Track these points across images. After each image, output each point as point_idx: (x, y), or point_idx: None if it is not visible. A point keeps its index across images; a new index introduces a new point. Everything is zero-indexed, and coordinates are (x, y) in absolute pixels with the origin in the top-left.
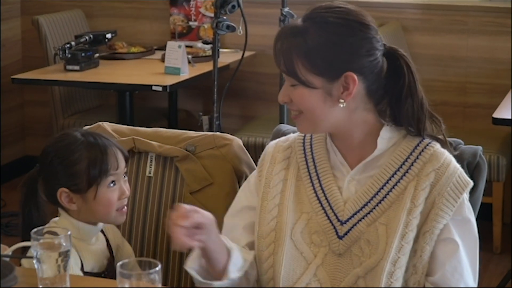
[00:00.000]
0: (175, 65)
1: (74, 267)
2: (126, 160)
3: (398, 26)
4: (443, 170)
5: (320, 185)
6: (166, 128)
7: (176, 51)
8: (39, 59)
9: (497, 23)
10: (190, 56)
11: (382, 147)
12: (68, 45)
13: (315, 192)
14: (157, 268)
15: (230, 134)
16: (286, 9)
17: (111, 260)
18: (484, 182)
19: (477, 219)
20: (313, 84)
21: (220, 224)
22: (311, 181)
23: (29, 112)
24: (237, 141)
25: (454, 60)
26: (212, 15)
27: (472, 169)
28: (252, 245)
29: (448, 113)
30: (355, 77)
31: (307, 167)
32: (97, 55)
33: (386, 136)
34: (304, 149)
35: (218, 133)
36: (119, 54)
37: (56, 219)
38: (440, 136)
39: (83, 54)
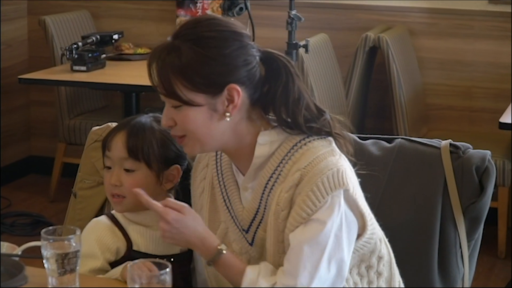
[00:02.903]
0: None
1: (105, 252)
2: (132, 154)
3: (405, 30)
4: (309, 169)
5: (227, 194)
6: None
7: None
8: (46, 59)
9: (503, 27)
10: None
11: (261, 153)
12: (75, 46)
13: (225, 201)
14: (167, 270)
15: None
16: (293, 12)
17: (187, 254)
18: (493, 186)
19: (483, 224)
20: (196, 102)
21: None
22: (221, 190)
23: (34, 112)
24: None
25: (460, 64)
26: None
27: (480, 174)
28: None
29: (454, 117)
30: (238, 88)
31: (218, 175)
32: (103, 56)
33: (265, 141)
34: (216, 157)
35: None
36: (125, 55)
37: None
38: (327, 129)
39: (90, 55)
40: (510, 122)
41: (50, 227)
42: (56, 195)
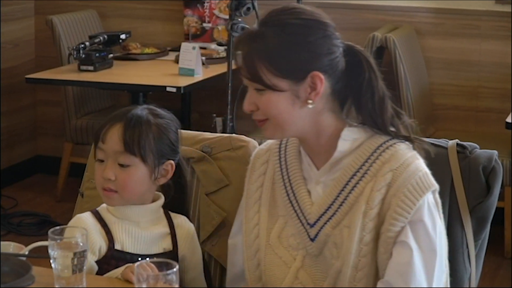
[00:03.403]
0: (189, 66)
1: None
2: (128, 149)
3: (411, 30)
4: (401, 171)
5: (291, 188)
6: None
7: (190, 53)
8: (53, 59)
9: (509, 27)
10: (204, 58)
11: (343, 148)
12: (82, 45)
13: (288, 195)
14: (174, 269)
15: (244, 136)
16: None
17: (172, 254)
18: (500, 186)
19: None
20: (280, 87)
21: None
22: (284, 184)
23: (41, 111)
24: (253, 143)
25: (467, 64)
26: (226, 17)
27: (487, 174)
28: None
29: (460, 117)
30: (322, 76)
31: (281, 170)
32: (111, 55)
33: (349, 137)
34: (280, 152)
35: (234, 135)
36: (133, 54)
37: None
38: (405, 133)
39: (97, 55)
40: None
41: (57, 227)
42: (63, 194)
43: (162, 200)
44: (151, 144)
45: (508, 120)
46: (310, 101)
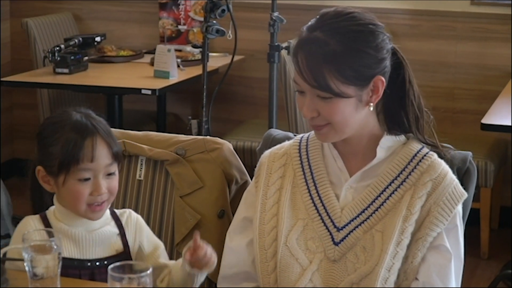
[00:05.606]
0: (164, 68)
1: None
2: (115, 157)
3: (388, 31)
4: (440, 180)
5: (317, 192)
6: (154, 131)
7: (165, 55)
8: (28, 62)
9: (485, 29)
10: (179, 60)
11: (381, 156)
12: (57, 48)
13: (312, 198)
14: (148, 272)
15: (219, 138)
16: (275, 14)
17: (124, 255)
18: (474, 187)
19: (465, 225)
20: (347, 94)
21: (209, 227)
22: (308, 188)
23: (17, 114)
24: (227, 145)
25: (443, 66)
26: (201, 19)
27: (462, 175)
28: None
29: (437, 119)
30: (383, 79)
31: (304, 173)
32: (86, 58)
33: (386, 145)
34: (300, 156)
35: (208, 137)
36: (108, 57)
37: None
38: (432, 140)
39: (72, 57)
40: (492, 123)
41: (32, 230)
42: None
43: None
44: (119, 145)
45: (483, 121)
46: (371, 104)
